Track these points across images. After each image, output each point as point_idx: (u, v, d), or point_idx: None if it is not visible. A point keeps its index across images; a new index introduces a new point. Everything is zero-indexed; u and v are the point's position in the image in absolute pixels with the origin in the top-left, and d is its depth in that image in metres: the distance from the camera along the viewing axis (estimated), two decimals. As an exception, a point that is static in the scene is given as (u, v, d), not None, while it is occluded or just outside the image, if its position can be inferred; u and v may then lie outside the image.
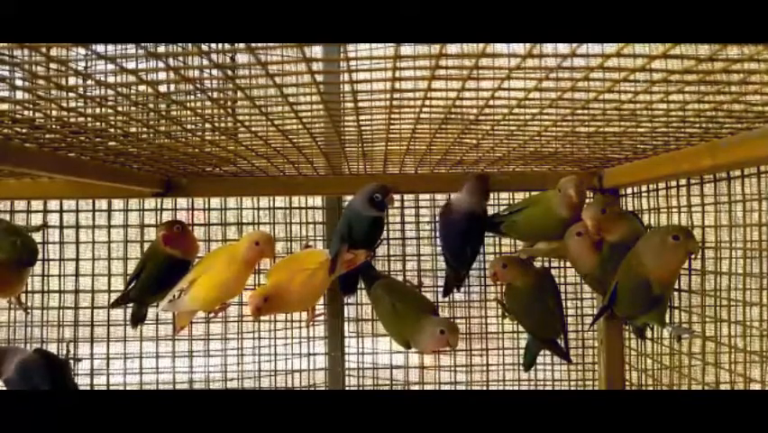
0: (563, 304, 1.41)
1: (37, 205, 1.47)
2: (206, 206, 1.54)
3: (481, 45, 0.60)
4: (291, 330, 1.57)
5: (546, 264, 1.48)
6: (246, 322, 1.53)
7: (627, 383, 1.46)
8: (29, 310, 1.45)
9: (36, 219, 1.48)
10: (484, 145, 1.13)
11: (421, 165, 1.37)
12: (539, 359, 1.46)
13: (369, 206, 1.30)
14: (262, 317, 1.51)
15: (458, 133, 1.03)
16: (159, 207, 1.48)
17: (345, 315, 1.55)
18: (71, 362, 1.38)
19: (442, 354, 1.52)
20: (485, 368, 1.53)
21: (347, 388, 1.55)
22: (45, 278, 1.48)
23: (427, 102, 0.83)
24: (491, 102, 0.82)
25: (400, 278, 1.50)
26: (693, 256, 1.13)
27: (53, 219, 1.48)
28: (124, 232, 1.49)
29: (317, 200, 1.59)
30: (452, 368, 1.54)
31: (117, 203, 1.47)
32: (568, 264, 1.49)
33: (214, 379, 1.52)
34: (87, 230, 1.49)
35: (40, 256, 1.38)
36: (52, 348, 1.43)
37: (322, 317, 1.52)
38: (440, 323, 1.27)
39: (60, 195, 1.40)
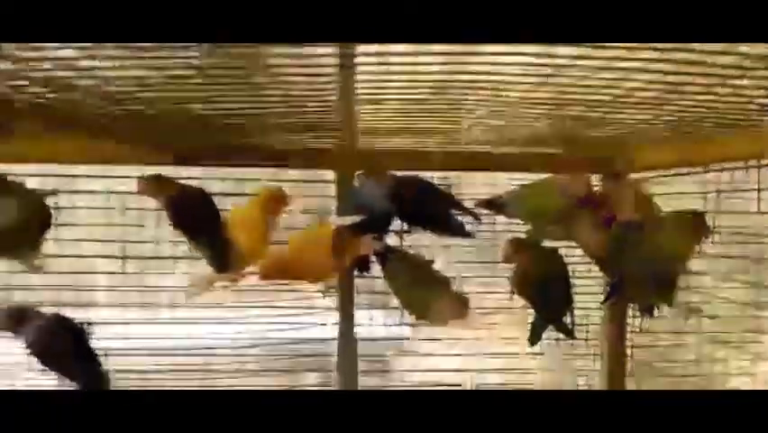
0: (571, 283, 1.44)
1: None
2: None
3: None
4: (303, 300, 1.60)
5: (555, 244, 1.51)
6: (258, 291, 1.56)
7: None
8: (42, 270, 1.45)
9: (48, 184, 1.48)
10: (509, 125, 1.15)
11: (441, 144, 1.40)
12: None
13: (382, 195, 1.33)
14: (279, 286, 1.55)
15: (483, 113, 1.05)
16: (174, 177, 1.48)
17: (356, 287, 1.58)
18: (87, 327, 1.39)
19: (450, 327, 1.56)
20: (492, 342, 1.58)
21: (359, 356, 1.57)
22: (56, 242, 1.49)
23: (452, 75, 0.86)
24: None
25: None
26: (704, 239, 1.17)
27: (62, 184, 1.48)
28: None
29: (329, 174, 1.60)
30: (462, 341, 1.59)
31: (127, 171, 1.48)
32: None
33: (224, 346, 1.55)
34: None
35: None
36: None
37: (334, 289, 1.55)
38: (454, 295, 1.31)
39: (71, 158, 1.41)
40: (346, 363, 1.56)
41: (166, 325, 1.53)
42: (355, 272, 1.53)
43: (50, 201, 1.40)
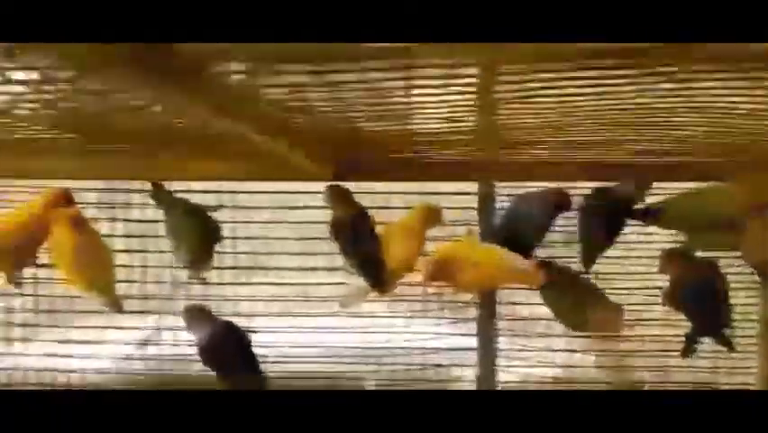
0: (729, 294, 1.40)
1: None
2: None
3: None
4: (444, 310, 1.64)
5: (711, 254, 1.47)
6: (404, 301, 1.60)
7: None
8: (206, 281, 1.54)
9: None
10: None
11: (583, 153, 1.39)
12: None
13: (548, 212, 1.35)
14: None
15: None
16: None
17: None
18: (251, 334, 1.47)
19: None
20: (643, 353, 1.55)
21: (497, 367, 1.59)
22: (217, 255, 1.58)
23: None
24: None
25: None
26: None
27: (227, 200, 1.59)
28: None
29: (472, 186, 1.62)
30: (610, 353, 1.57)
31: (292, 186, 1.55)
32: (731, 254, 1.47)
33: (374, 355, 1.61)
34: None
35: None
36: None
37: (476, 301, 1.57)
38: (610, 306, 1.31)
39: (232, 176, 1.49)
40: (485, 375, 1.58)
41: (320, 333, 1.60)
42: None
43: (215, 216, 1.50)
